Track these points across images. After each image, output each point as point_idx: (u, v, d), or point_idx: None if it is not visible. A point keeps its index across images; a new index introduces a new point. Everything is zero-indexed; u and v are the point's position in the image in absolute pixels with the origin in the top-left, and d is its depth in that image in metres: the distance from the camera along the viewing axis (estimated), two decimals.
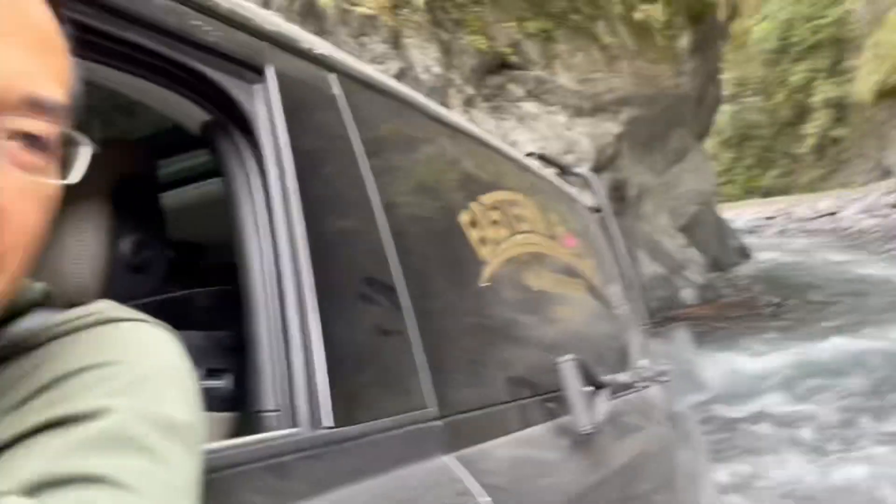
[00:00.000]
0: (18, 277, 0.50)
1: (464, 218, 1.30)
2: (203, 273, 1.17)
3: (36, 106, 0.48)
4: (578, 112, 12.33)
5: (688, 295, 16.44)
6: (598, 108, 12.82)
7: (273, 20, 1.08)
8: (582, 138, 12.09)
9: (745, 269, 20.19)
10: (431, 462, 0.91)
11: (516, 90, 11.51)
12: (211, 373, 1.00)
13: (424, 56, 9.82)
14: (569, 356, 1.26)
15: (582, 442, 1.27)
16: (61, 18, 0.53)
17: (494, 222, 1.40)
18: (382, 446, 0.86)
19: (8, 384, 0.51)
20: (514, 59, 11.30)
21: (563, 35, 12.34)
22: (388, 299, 0.98)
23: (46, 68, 0.50)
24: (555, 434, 1.25)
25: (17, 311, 0.57)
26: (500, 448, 1.07)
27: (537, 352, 1.36)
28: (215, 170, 1.01)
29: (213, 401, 0.97)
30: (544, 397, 1.31)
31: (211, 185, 1.36)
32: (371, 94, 1.17)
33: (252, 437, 0.76)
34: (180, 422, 0.50)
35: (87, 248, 0.97)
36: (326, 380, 0.83)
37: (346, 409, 0.83)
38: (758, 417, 6.71)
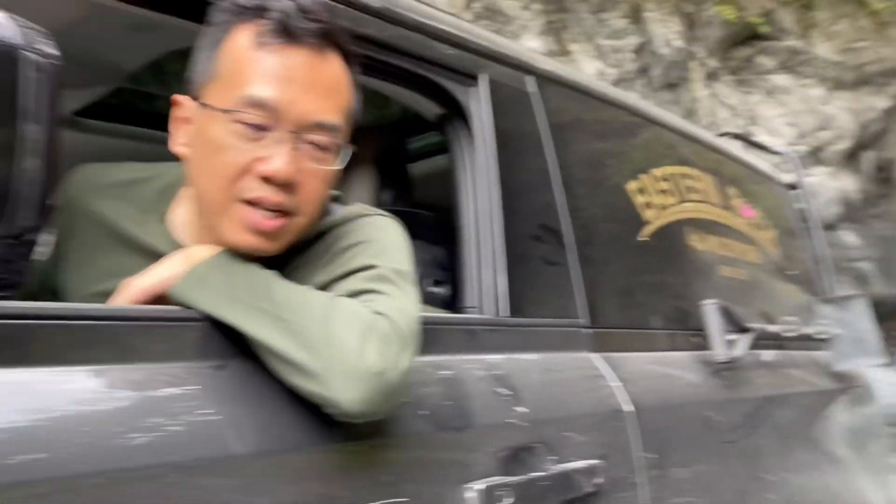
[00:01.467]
0: (316, 215, 0.97)
1: (632, 186, 1.64)
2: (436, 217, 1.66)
3: (321, 128, 0.92)
4: (838, 85, 11.35)
5: None
6: (862, 81, 11.68)
7: (487, 37, 1.50)
8: (841, 113, 11.14)
9: None
10: (578, 354, 1.30)
11: (766, 62, 10.90)
12: (436, 283, 1.48)
13: (666, 30, 9.71)
14: (712, 300, 1.56)
15: (717, 371, 1.57)
16: (351, 66, 0.98)
17: (663, 191, 1.72)
18: (541, 335, 1.27)
19: (326, 249, 0.99)
20: (765, 29, 10.70)
21: (824, 1, 11.39)
22: (555, 240, 1.38)
23: (332, 104, 0.93)
24: (693, 360, 1.56)
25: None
26: (639, 358, 1.43)
27: (688, 295, 1.67)
28: (443, 147, 1.47)
29: (437, 302, 1.45)
30: (691, 332, 1.62)
31: (439, 160, 1.85)
32: (560, 89, 1.55)
33: (460, 315, 1.22)
34: (406, 271, 0.97)
35: (362, 196, 1.48)
36: (507, 289, 1.25)
37: (517, 308, 1.25)
38: None
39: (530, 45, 8.17)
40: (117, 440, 0.71)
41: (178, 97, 0.97)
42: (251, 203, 0.90)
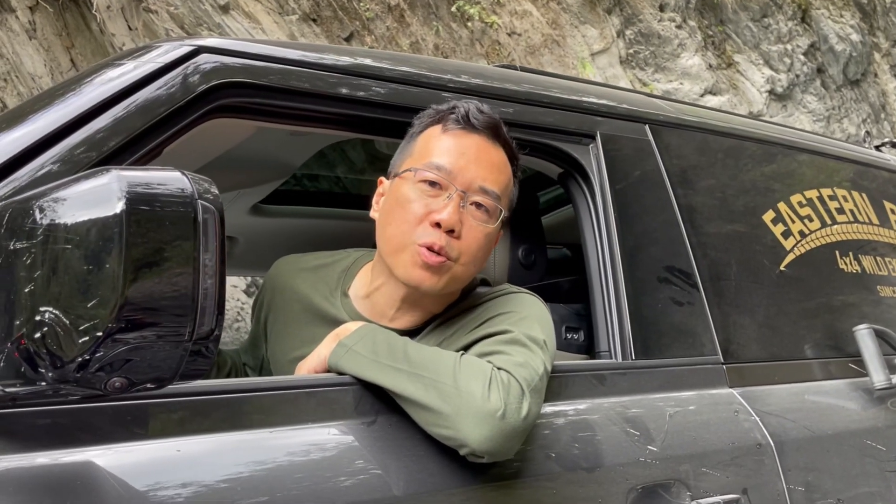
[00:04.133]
0: (471, 270, 1.16)
1: (767, 216, 1.65)
2: (566, 266, 1.76)
3: (484, 192, 1.15)
4: None
5: None
6: None
7: (604, 93, 1.60)
8: None
9: None
10: (711, 391, 1.34)
11: None
12: (569, 330, 1.58)
13: (839, 25, 9.07)
14: (864, 325, 1.52)
15: (878, 397, 1.51)
16: (513, 163, 1.21)
17: (803, 217, 1.71)
18: (671, 375, 1.33)
19: (472, 318, 1.17)
20: None
21: None
22: (683, 280, 1.43)
23: (493, 177, 1.18)
24: (849, 388, 1.52)
25: (471, 286, 1.23)
26: (781, 390, 1.43)
27: (841, 321, 1.62)
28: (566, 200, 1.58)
29: (572, 347, 1.55)
30: (848, 359, 1.58)
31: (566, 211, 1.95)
32: (677, 131, 1.61)
33: (591, 361, 1.32)
34: (540, 339, 1.10)
35: (500, 254, 1.62)
36: (634, 332, 1.33)
37: (646, 349, 1.33)
38: None
39: (690, 63, 7.98)
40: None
41: (381, 178, 1.26)
42: (423, 246, 1.12)
